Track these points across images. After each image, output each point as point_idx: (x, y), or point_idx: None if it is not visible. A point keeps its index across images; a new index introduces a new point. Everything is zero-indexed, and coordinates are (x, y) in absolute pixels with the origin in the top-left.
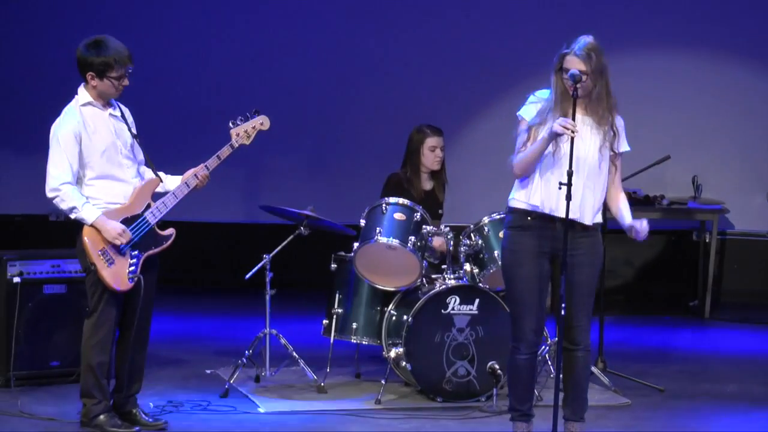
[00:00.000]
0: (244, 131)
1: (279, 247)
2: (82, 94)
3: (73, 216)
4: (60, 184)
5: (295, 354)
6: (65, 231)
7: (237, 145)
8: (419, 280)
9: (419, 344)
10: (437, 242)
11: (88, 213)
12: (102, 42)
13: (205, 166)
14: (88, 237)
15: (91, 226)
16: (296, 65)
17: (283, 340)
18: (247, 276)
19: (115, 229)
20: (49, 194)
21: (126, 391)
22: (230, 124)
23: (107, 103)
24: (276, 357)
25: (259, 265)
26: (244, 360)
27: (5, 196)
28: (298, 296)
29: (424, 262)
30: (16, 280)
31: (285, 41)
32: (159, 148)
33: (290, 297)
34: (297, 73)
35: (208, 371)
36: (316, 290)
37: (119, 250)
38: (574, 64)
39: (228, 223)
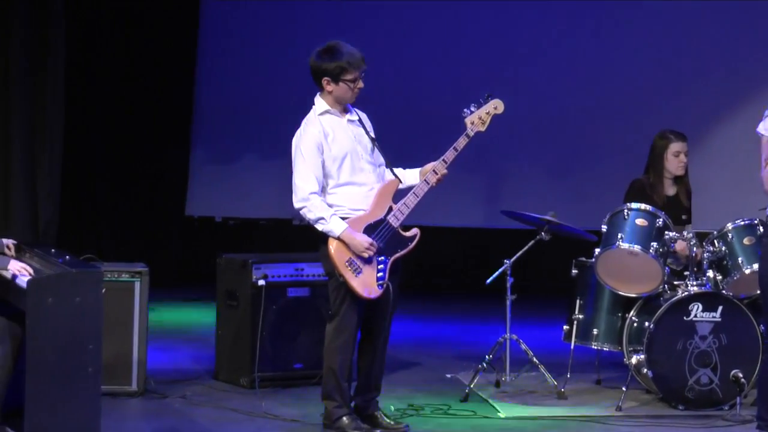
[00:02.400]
0: (478, 118)
1: (520, 252)
2: (319, 104)
3: (320, 227)
4: (309, 194)
5: (535, 359)
6: (308, 235)
7: (473, 134)
8: (661, 287)
9: (661, 351)
10: (680, 246)
11: (335, 225)
12: (334, 47)
13: (443, 160)
14: (334, 248)
15: (338, 238)
16: (539, 70)
17: (523, 346)
18: (488, 281)
19: (362, 243)
20: (297, 205)
21: (368, 394)
22: (464, 112)
23: (344, 110)
24: (516, 362)
25: (500, 270)
26: (485, 365)
27: (251, 201)
28: (538, 301)
29: (666, 268)
30: (261, 283)
31: (527, 46)
32: (397, 148)
33: (531, 302)
34: (539, 78)
35: (449, 375)
36: (556, 296)
37: (366, 258)
38: None
39: (469, 228)
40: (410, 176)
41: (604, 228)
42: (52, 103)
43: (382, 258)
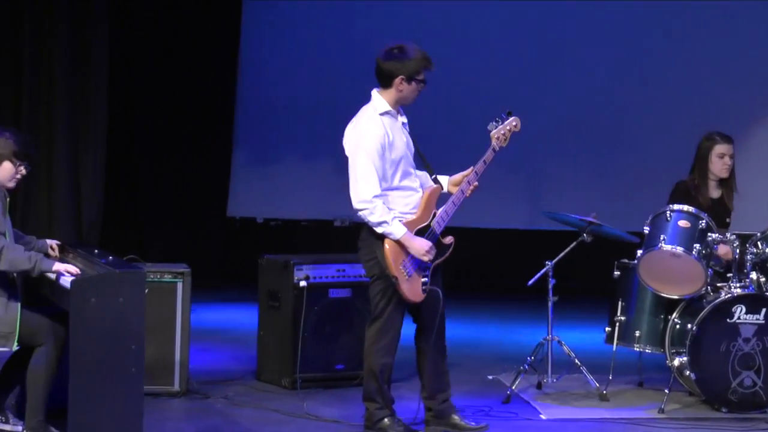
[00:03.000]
0: (502, 134)
1: (562, 254)
2: (380, 102)
3: (380, 230)
4: (372, 197)
5: (577, 361)
6: (349, 236)
7: (498, 149)
8: (704, 289)
9: (704, 353)
10: (723, 250)
11: (396, 228)
12: (405, 47)
13: (475, 171)
14: (390, 250)
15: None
16: (580, 71)
17: (565, 347)
18: (530, 282)
19: (423, 246)
20: (358, 206)
21: (439, 395)
22: (489, 127)
23: (398, 111)
24: (558, 364)
25: (542, 272)
26: (526, 366)
27: (292, 202)
28: (580, 303)
29: (709, 270)
30: (303, 284)
31: (568, 46)
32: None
33: (572, 304)
34: (581, 79)
35: (490, 377)
36: (598, 297)
37: (417, 263)
38: None
39: (510, 229)
40: (442, 183)
41: (646, 229)
42: (95, 105)
43: (427, 264)
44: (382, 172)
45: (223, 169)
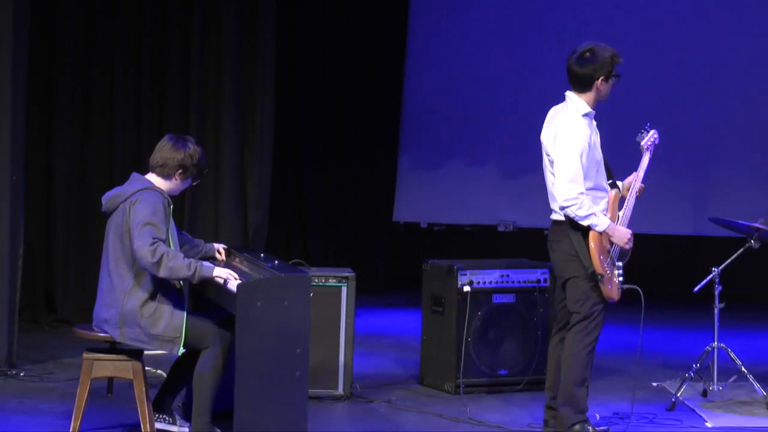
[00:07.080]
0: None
1: (728, 261)
2: (581, 105)
3: (587, 222)
4: (578, 194)
5: (744, 369)
6: (513, 241)
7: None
8: None
9: None
10: None
11: (603, 219)
12: (595, 49)
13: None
14: (596, 247)
15: (602, 233)
16: (752, 74)
17: (731, 355)
18: (696, 289)
19: (626, 234)
20: (565, 203)
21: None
22: (637, 138)
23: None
24: (724, 371)
25: (708, 278)
26: (692, 374)
27: (456, 207)
28: (747, 310)
29: None
30: (467, 289)
31: (731, 48)
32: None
33: (739, 311)
34: (751, 82)
35: (655, 384)
36: (766, 304)
37: (613, 260)
38: None
39: (676, 235)
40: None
41: None
42: (261, 110)
43: (620, 263)
44: (585, 171)
45: (389, 174)
